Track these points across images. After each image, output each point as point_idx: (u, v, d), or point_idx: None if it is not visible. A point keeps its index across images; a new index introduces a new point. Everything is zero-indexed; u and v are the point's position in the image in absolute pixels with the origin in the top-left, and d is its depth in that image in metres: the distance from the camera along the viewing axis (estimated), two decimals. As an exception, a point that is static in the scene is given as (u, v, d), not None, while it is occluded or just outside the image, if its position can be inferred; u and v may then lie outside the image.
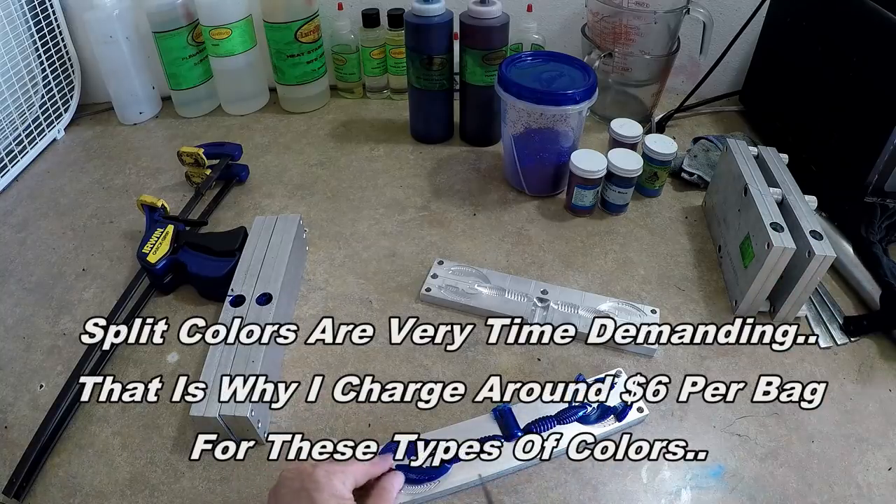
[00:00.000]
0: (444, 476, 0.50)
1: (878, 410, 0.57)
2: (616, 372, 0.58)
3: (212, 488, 0.51)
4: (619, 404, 0.55)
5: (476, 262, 0.72)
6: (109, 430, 0.56)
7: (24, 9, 0.89)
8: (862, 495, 0.51)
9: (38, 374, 0.61)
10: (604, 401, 0.56)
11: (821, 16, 0.78)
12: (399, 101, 1.04)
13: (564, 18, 1.01)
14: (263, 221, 0.70)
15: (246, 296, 0.61)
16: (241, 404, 0.51)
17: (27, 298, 0.69)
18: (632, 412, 0.55)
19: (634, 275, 0.71)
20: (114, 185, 0.87)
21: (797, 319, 0.65)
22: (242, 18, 0.93)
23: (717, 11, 0.91)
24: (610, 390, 0.57)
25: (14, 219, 0.81)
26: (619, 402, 0.56)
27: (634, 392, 0.57)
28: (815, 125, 0.78)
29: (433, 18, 0.81)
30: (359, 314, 0.66)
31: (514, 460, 0.51)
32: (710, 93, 1.00)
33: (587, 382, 0.57)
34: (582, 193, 0.77)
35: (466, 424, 0.54)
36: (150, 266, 0.66)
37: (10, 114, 0.88)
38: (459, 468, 0.51)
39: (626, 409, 0.55)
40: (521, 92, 0.73)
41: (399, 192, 0.84)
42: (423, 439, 0.52)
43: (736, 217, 0.68)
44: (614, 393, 0.57)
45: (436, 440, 0.52)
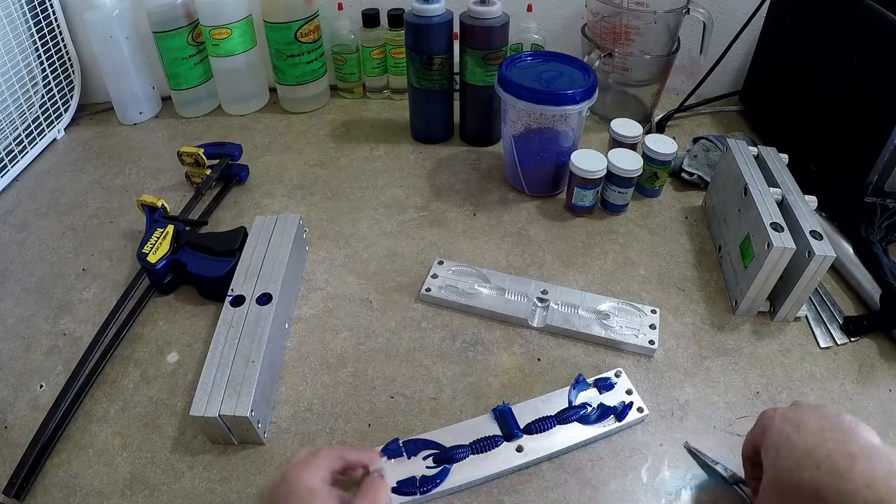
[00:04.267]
0: (444, 478, 0.50)
1: (878, 410, 0.57)
2: (616, 372, 0.58)
3: (212, 488, 0.51)
4: (619, 404, 0.55)
5: (476, 262, 0.72)
6: (109, 430, 0.56)
7: (24, 9, 0.89)
8: (862, 495, 0.51)
9: (38, 374, 0.61)
10: (604, 401, 0.56)
11: (821, 16, 0.78)
12: (399, 101, 1.04)
13: (564, 18, 1.01)
14: (263, 221, 0.70)
15: (246, 296, 0.61)
16: (241, 404, 0.51)
17: (27, 298, 0.69)
18: (632, 412, 0.55)
19: (634, 275, 0.71)
20: (114, 185, 0.87)
21: (797, 319, 0.65)
22: (242, 18, 0.93)
23: (717, 11, 0.91)
24: (610, 390, 0.57)
25: (14, 219, 0.81)
26: (619, 402, 0.56)
27: (634, 392, 0.57)
28: (815, 125, 0.78)
29: (433, 18, 0.81)
30: (359, 314, 0.66)
31: (514, 460, 0.51)
32: (710, 93, 1.00)
33: (588, 383, 0.57)
34: (582, 193, 0.77)
35: (466, 424, 0.54)
36: (150, 266, 0.66)
37: (10, 114, 0.88)
38: (459, 468, 0.51)
39: (625, 409, 0.55)
40: (521, 92, 0.73)
41: (399, 192, 0.84)
42: (422, 440, 0.53)
43: (736, 217, 0.68)
44: (614, 393, 0.57)
45: (434, 441, 0.52)
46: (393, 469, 0.51)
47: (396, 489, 0.49)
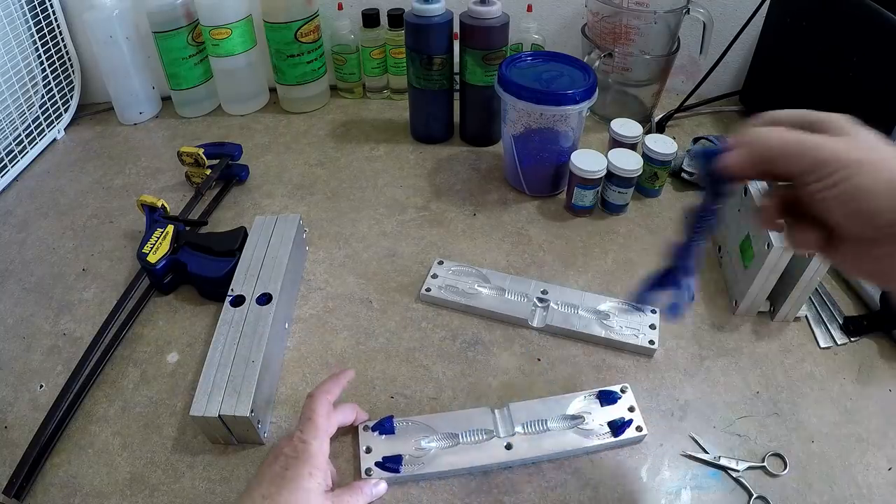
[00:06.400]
0: (430, 456, 0.51)
1: (878, 410, 0.57)
2: (622, 387, 0.57)
3: (212, 488, 0.51)
4: (619, 420, 0.54)
5: (476, 262, 0.72)
6: (109, 430, 0.56)
7: (24, 9, 0.89)
8: (862, 495, 0.51)
9: (38, 374, 0.61)
10: (604, 414, 0.55)
11: (821, 16, 0.78)
12: (399, 101, 1.03)
13: (564, 18, 1.01)
14: (263, 221, 0.70)
15: (246, 296, 0.61)
16: (241, 404, 0.51)
17: (27, 298, 0.69)
18: (630, 430, 0.53)
19: (634, 275, 0.71)
20: (114, 185, 0.87)
21: (797, 319, 0.65)
22: (242, 18, 0.93)
23: (717, 11, 0.90)
24: (613, 404, 0.56)
25: (14, 219, 0.81)
26: (619, 418, 0.54)
27: (637, 410, 0.55)
28: (815, 125, 0.78)
29: (433, 18, 0.81)
30: (359, 314, 0.66)
31: (500, 457, 0.52)
32: (710, 93, 1.00)
33: (594, 395, 0.56)
34: (582, 193, 0.76)
35: (462, 413, 0.55)
36: (150, 266, 0.66)
37: (10, 114, 0.88)
38: (446, 454, 0.52)
39: (624, 426, 0.54)
40: (521, 92, 0.73)
41: (399, 192, 0.84)
42: (417, 422, 0.54)
43: (736, 217, 0.68)
44: (617, 407, 0.55)
45: (427, 425, 0.54)
46: (382, 444, 0.52)
47: (381, 464, 0.51)
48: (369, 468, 0.51)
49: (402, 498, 0.50)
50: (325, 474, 0.46)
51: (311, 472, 0.44)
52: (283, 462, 0.44)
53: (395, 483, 0.51)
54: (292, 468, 0.44)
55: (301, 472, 0.43)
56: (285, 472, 0.43)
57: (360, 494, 0.47)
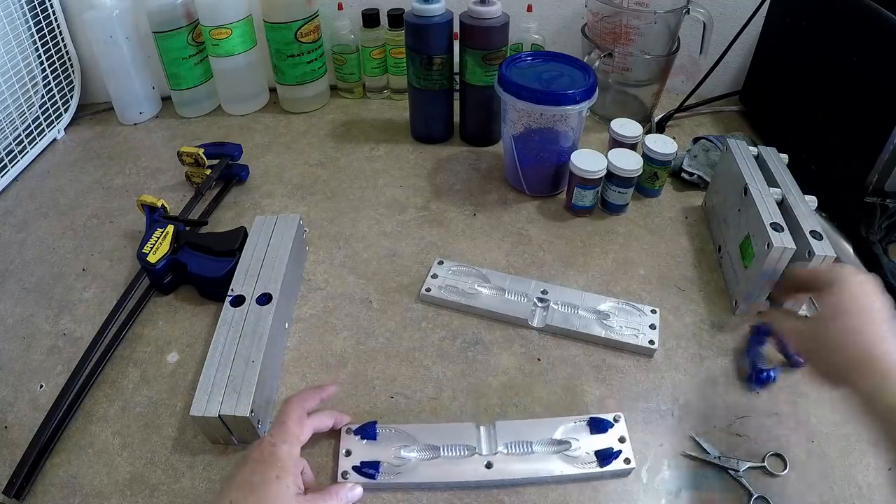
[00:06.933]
0: (409, 466, 0.51)
1: (878, 410, 0.57)
2: (615, 416, 0.55)
3: (212, 488, 0.51)
4: (607, 450, 0.52)
5: (476, 262, 0.72)
6: (109, 430, 0.56)
7: (24, 9, 0.89)
8: (862, 495, 0.51)
9: (38, 374, 0.61)
10: (593, 443, 0.53)
11: (821, 16, 0.78)
12: (399, 101, 1.04)
13: (564, 18, 1.01)
14: (263, 221, 0.70)
15: (246, 296, 0.61)
16: (241, 404, 0.51)
17: (27, 298, 0.69)
18: (617, 461, 0.51)
19: (634, 275, 0.71)
20: (114, 185, 0.87)
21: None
22: (242, 18, 0.93)
23: (717, 11, 0.90)
24: (604, 432, 0.53)
25: (14, 219, 0.81)
26: (608, 448, 0.52)
27: (628, 441, 0.53)
28: (815, 125, 0.78)
29: (433, 18, 0.81)
30: (359, 314, 0.66)
31: (479, 475, 0.51)
32: (710, 93, 1.00)
33: (584, 421, 0.54)
34: (582, 193, 0.77)
35: (446, 427, 0.54)
36: (150, 266, 0.66)
37: (10, 114, 0.88)
38: (425, 466, 0.51)
39: (611, 456, 0.51)
40: (521, 92, 0.73)
41: (399, 192, 0.84)
42: (399, 430, 0.53)
43: (736, 217, 0.68)
44: (607, 436, 0.53)
45: (409, 434, 0.53)
46: (363, 449, 0.52)
47: (358, 468, 0.51)
48: (346, 471, 0.51)
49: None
50: (296, 478, 0.45)
51: (278, 475, 0.44)
52: (252, 466, 0.44)
53: (370, 489, 0.50)
54: (260, 472, 0.44)
55: (269, 477, 0.43)
56: (253, 476, 0.44)
57: (334, 499, 0.47)
